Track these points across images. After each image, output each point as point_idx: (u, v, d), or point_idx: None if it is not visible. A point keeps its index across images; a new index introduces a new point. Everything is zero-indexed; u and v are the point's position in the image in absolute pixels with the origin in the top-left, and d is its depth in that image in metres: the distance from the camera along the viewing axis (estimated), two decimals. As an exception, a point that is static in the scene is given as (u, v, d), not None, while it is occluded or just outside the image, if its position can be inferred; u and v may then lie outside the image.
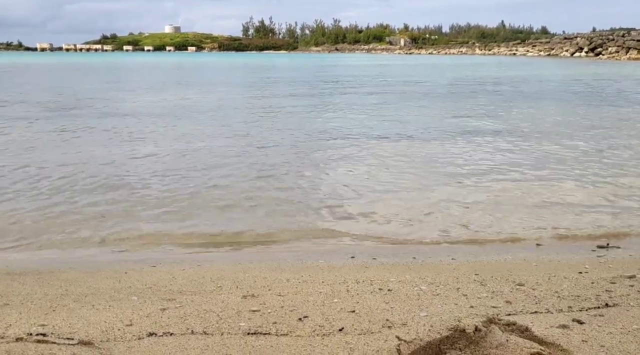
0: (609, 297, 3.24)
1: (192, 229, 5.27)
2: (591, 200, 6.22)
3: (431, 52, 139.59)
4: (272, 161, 8.31)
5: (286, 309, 3.06)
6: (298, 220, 5.49)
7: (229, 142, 10.11)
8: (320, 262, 4.29)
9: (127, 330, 2.76)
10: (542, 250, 4.69)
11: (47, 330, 2.75)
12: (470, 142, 10.11)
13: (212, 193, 6.50)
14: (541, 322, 2.82)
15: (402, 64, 64.99)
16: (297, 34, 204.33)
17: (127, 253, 4.72)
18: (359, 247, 4.80)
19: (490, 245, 4.85)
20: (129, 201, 6.15)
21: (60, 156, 8.68)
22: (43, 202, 6.10)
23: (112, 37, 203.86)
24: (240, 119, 13.45)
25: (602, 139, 10.44)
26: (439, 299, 3.23)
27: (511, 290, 3.39)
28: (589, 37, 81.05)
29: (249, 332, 2.75)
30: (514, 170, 7.71)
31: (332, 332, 2.74)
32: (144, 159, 8.54)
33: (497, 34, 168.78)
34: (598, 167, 7.83)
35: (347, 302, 3.16)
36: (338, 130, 11.53)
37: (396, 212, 5.76)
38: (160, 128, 11.96)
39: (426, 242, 4.93)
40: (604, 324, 2.82)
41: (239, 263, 4.33)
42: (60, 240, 5.01)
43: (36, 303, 3.22)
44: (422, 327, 2.73)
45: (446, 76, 35.28)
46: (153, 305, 3.14)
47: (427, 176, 7.36)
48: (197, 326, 2.83)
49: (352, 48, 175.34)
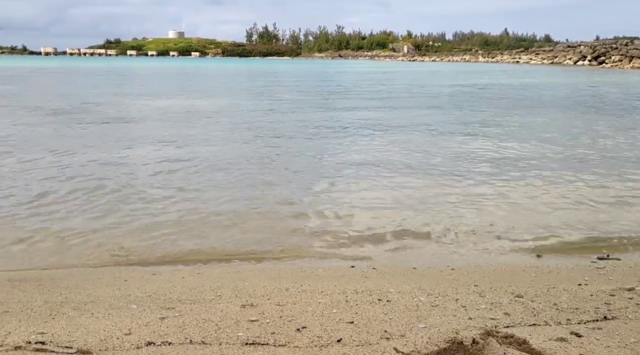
0: (608, 310, 3.23)
1: (194, 241, 5.28)
2: (592, 211, 6.21)
3: (434, 59, 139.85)
4: (274, 165, 8.34)
5: (285, 319, 3.07)
6: (300, 230, 5.50)
7: (238, 147, 10.15)
8: (319, 271, 4.29)
9: (126, 340, 2.77)
10: (542, 261, 4.69)
11: (46, 338, 2.76)
12: (471, 152, 10.12)
13: (215, 205, 6.52)
14: (539, 335, 2.82)
15: (408, 70, 64.95)
16: (301, 40, 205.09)
17: (127, 260, 4.73)
18: (359, 256, 4.81)
19: (490, 256, 4.85)
20: (130, 210, 6.16)
21: (61, 160, 8.70)
22: (45, 209, 6.13)
23: (115, 42, 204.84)
24: (245, 128, 13.48)
25: (605, 148, 10.44)
26: (437, 310, 3.23)
27: (510, 302, 3.39)
28: (593, 46, 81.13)
29: (247, 342, 2.75)
30: (514, 180, 7.71)
31: (330, 343, 2.74)
32: (148, 165, 8.57)
33: (501, 41, 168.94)
34: (600, 178, 7.83)
35: (346, 313, 3.16)
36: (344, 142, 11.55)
37: (397, 221, 5.76)
38: (164, 133, 12.01)
39: (426, 252, 4.93)
40: (602, 337, 2.82)
41: (239, 271, 4.34)
42: (60, 246, 5.03)
43: (36, 310, 3.23)
44: (420, 339, 2.73)
45: (463, 86, 35.29)
46: (152, 314, 3.15)
47: (427, 186, 7.36)
48: (195, 336, 2.83)
49: (355, 54, 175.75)
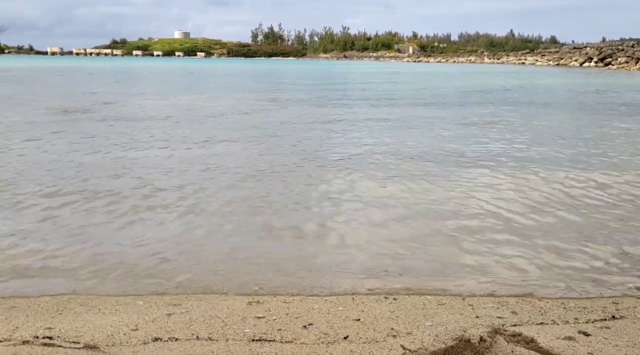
0: (616, 309, 3.22)
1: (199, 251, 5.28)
2: (600, 212, 6.18)
3: (440, 60, 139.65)
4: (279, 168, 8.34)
5: (291, 316, 3.07)
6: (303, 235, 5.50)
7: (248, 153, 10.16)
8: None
9: (133, 335, 2.78)
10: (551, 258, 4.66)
11: (54, 333, 2.77)
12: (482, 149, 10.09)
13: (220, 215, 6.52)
14: (547, 334, 2.80)
15: (419, 71, 64.65)
16: (306, 41, 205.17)
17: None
18: (367, 258, 4.79)
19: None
20: (133, 213, 6.18)
21: (69, 163, 8.73)
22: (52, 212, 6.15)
23: (121, 42, 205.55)
24: (252, 134, 13.49)
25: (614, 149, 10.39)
26: (444, 308, 3.22)
27: (517, 301, 3.37)
28: (599, 47, 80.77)
29: (254, 339, 2.75)
30: (523, 176, 7.68)
31: (337, 340, 2.74)
32: (153, 168, 8.59)
33: (506, 42, 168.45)
34: (612, 174, 7.79)
35: (353, 310, 3.16)
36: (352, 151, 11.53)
37: (401, 223, 5.75)
38: (167, 135, 12.03)
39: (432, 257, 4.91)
40: (610, 336, 2.80)
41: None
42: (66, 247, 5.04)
43: (43, 306, 3.24)
44: (427, 337, 2.72)
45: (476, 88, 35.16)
46: (159, 310, 3.15)
47: (433, 190, 7.35)
48: (202, 332, 2.84)
49: (360, 55, 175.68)
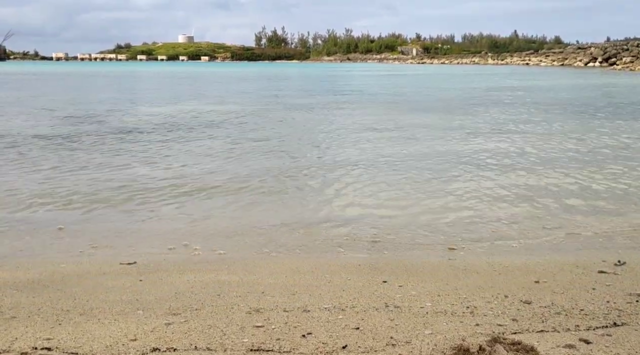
0: (618, 316, 3.19)
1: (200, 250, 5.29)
2: (603, 216, 6.15)
3: (443, 62, 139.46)
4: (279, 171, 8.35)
5: (290, 325, 3.06)
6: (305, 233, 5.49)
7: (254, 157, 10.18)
8: (326, 276, 4.27)
9: (131, 346, 2.77)
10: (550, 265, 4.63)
11: (52, 344, 2.77)
12: (481, 152, 10.07)
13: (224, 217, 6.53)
14: (547, 341, 2.78)
15: (428, 73, 64.67)
16: (310, 44, 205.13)
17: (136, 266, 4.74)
18: (366, 262, 4.78)
19: (499, 259, 4.80)
20: (136, 216, 6.19)
21: (71, 166, 8.77)
22: (56, 214, 6.17)
23: (126, 47, 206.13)
24: (256, 136, 13.51)
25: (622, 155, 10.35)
26: (444, 316, 3.21)
27: (518, 308, 3.35)
28: (603, 47, 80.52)
29: (252, 349, 2.75)
30: (525, 182, 7.66)
31: (335, 350, 2.73)
32: (160, 170, 8.61)
33: (510, 43, 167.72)
34: (610, 183, 7.76)
35: (352, 319, 3.15)
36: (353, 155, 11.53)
37: (403, 225, 5.73)
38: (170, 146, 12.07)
39: (433, 258, 4.89)
40: (611, 344, 2.78)
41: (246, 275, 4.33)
42: (70, 250, 5.06)
43: (43, 316, 3.24)
44: (426, 346, 2.71)
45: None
46: (158, 320, 3.15)
47: (435, 189, 7.33)
48: (200, 342, 2.83)
49: (364, 58, 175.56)
